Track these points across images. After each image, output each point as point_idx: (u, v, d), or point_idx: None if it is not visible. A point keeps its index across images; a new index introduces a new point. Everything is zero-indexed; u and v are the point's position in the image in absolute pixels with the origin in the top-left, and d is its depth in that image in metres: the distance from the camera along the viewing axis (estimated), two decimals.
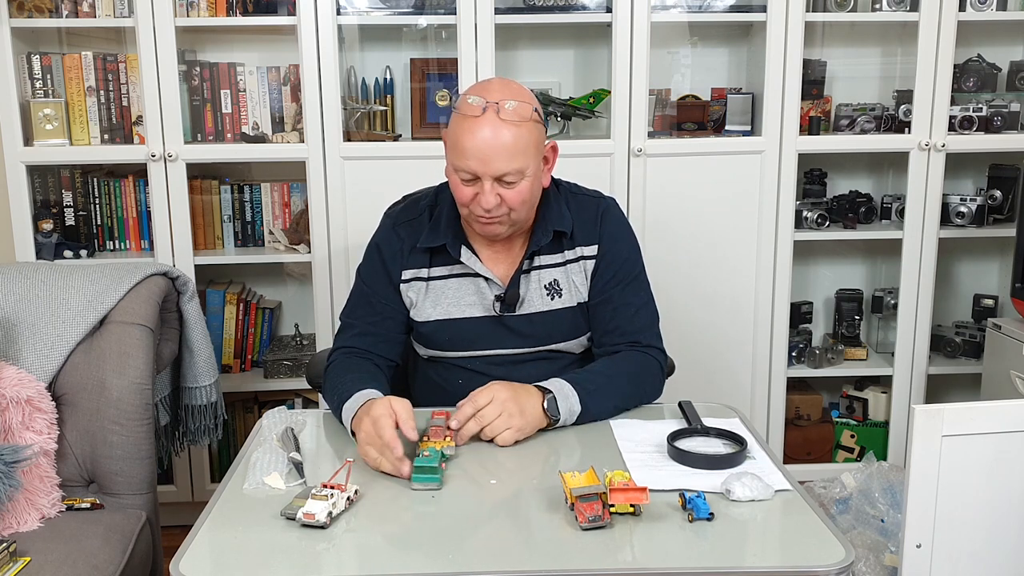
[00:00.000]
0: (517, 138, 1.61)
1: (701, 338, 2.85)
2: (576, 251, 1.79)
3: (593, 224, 1.80)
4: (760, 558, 1.26)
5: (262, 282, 3.06)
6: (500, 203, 1.64)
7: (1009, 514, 1.61)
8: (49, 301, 2.06)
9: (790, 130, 2.77)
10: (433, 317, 1.79)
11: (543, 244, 1.76)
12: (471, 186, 1.65)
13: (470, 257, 1.77)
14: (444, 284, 1.79)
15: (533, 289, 1.78)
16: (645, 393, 1.75)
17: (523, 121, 1.62)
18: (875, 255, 3.16)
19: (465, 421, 1.54)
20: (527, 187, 1.66)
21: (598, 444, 1.60)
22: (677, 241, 2.78)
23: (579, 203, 1.82)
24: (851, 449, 3.07)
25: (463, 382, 1.79)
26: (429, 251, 1.79)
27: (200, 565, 1.23)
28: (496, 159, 1.61)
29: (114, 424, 1.97)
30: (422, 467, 1.41)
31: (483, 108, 1.61)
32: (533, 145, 1.65)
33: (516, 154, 1.61)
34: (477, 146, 1.60)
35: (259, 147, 2.73)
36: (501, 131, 1.60)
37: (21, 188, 2.65)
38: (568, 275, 1.79)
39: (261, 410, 2.89)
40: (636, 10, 2.65)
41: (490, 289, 1.78)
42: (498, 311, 1.78)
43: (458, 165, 1.64)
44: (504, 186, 1.64)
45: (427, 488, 1.40)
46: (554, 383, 1.62)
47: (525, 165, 1.63)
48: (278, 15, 2.68)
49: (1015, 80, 2.92)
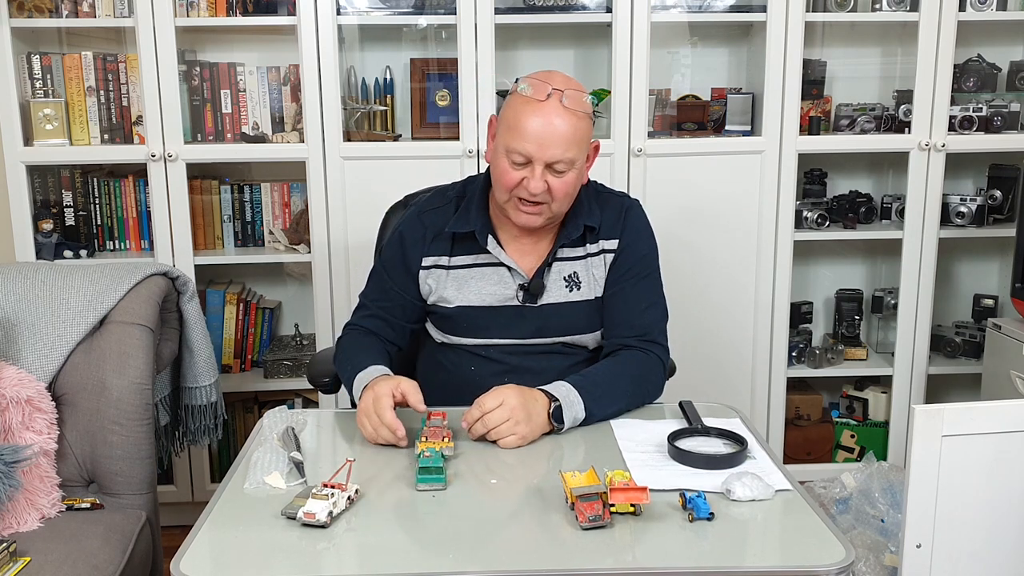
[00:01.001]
0: (576, 128, 1.66)
1: (701, 338, 2.85)
2: (599, 244, 1.82)
3: (617, 220, 1.83)
4: (760, 558, 1.27)
5: (262, 282, 3.06)
6: (546, 190, 1.68)
7: (1009, 514, 1.61)
8: (49, 301, 2.06)
9: (790, 130, 2.77)
10: (455, 303, 1.81)
11: (574, 238, 1.79)
12: (520, 170, 1.68)
13: (496, 247, 1.79)
14: (467, 272, 1.81)
15: (553, 280, 1.81)
16: (647, 393, 1.77)
17: (583, 113, 1.68)
18: (875, 255, 3.16)
19: (473, 423, 1.56)
20: (573, 179, 1.70)
21: (598, 444, 1.60)
22: (677, 241, 2.78)
23: (605, 200, 1.86)
24: (851, 449, 3.07)
25: (475, 368, 1.82)
26: (452, 239, 1.82)
27: (200, 565, 1.23)
28: (553, 145, 1.64)
29: (114, 424, 1.97)
30: (427, 468, 1.42)
31: (548, 94, 1.65)
32: (586, 139, 1.71)
33: (572, 144, 1.66)
34: (537, 130, 1.64)
35: (259, 147, 2.73)
36: (562, 118, 1.65)
37: (21, 188, 2.65)
38: (589, 268, 1.82)
39: (261, 410, 2.89)
40: (636, 10, 2.65)
41: (513, 279, 1.80)
42: (521, 300, 1.80)
43: (513, 146, 1.67)
44: (553, 174, 1.67)
45: (432, 488, 1.41)
46: (560, 388, 1.63)
47: (577, 156, 1.68)
48: (278, 15, 2.68)
49: (1015, 80, 2.92)
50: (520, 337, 1.82)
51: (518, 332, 1.82)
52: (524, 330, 1.81)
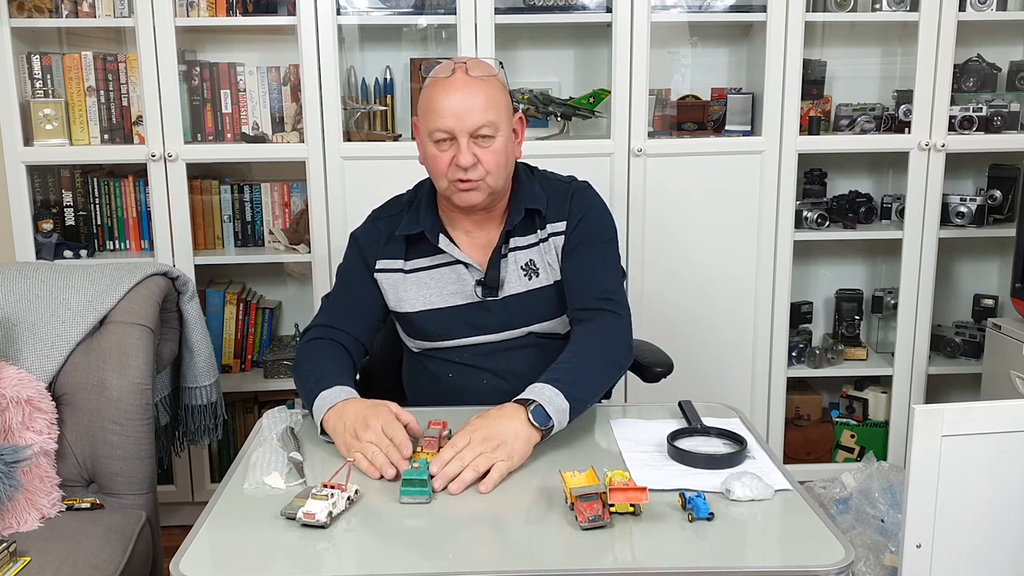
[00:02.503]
0: (487, 93, 1.68)
1: (701, 338, 2.85)
2: (548, 229, 1.81)
3: (563, 202, 1.82)
4: (760, 558, 1.26)
5: (262, 282, 3.06)
6: (476, 163, 1.68)
7: (1009, 514, 1.61)
8: (49, 301, 2.06)
9: (790, 130, 2.77)
10: (417, 307, 1.81)
11: (517, 223, 1.78)
12: (448, 149, 1.69)
13: (448, 244, 1.79)
14: (427, 275, 1.81)
15: (511, 271, 1.80)
16: (619, 356, 1.73)
17: (490, 77, 1.71)
18: (875, 255, 3.16)
19: (443, 465, 1.42)
20: (501, 147, 1.70)
21: (598, 444, 1.60)
22: (677, 241, 2.78)
23: (551, 185, 1.85)
24: (851, 449, 3.07)
25: (453, 376, 1.82)
26: (406, 243, 1.82)
27: (200, 565, 1.23)
28: (470, 113, 1.66)
29: (114, 424, 1.97)
30: (411, 480, 1.37)
31: (452, 70, 1.69)
32: (504, 104, 1.72)
33: (488, 107, 1.67)
34: (452, 104, 1.67)
35: (259, 147, 2.73)
36: (472, 86, 1.68)
37: (21, 188, 2.65)
38: (542, 255, 1.81)
39: (261, 410, 2.89)
40: (636, 10, 2.65)
41: (470, 275, 1.80)
42: (480, 295, 1.79)
43: (434, 127, 1.69)
44: (479, 144, 1.68)
45: (416, 502, 1.36)
46: (532, 390, 1.55)
47: (497, 119, 1.69)
48: (278, 15, 2.68)
49: (1015, 80, 2.92)
50: (489, 332, 1.81)
51: (486, 328, 1.81)
52: (491, 325, 1.81)
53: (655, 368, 2.05)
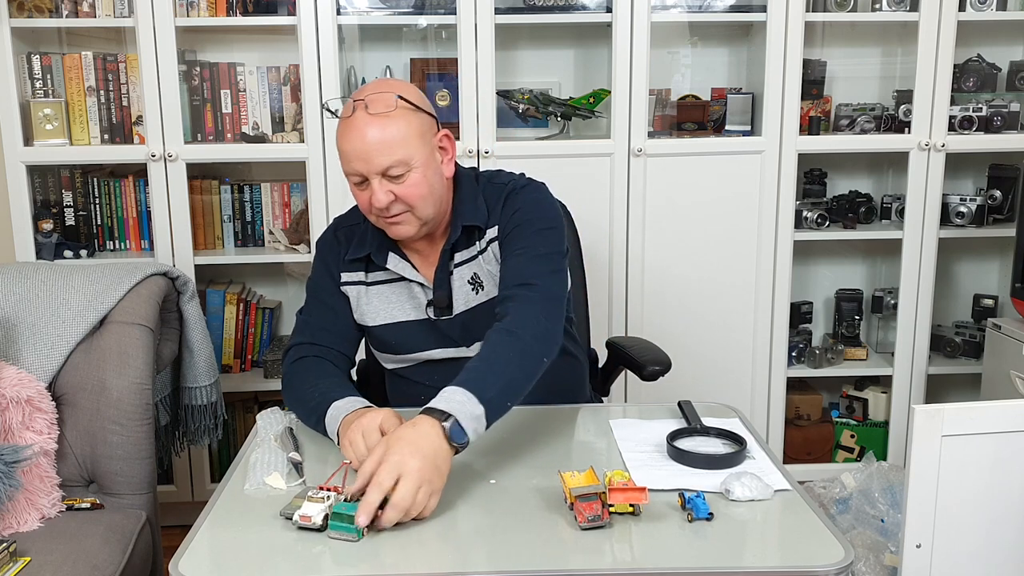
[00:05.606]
0: (389, 132, 1.58)
1: (701, 338, 2.85)
2: (486, 236, 1.75)
3: (496, 207, 1.75)
4: (760, 558, 1.26)
5: (262, 282, 3.06)
6: (395, 200, 1.62)
7: (1009, 514, 1.61)
8: (49, 301, 2.06)
9: (790, 130, 2.77)
10: (379, 321, 1.78)
11: (455, 240, 1.73)
12: (366, 189, 1.63)
13: (398, 263, 1.75)
14: (388, 288, 1.78)
15: (458, 287, 1.76)
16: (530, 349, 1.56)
17: (390, 111, 1.59)
18: (875, 255, 3.16)
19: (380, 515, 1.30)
20: (419, 179, 1.62)
21: (598, 444, 1.60)
22: (677, 241, 2.78)
23: (493, 191, 1.77)
24: (851, 449, 3.07)
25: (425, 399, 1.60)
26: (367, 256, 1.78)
27: (200, 565, 1.23)
28: (375, 155, 1.58)
29: (114, 424, 1.97)
30: (339, 514, 1.27)
31: (352, 108, 1.61)
32: (413, 135, 1.61)
33: (393, 146, 1.59)
34: (354, 146, 1.59)
35: (259, 147, 2.73)
36: (371, 126, 1.58)
37: (21, 188, 2.65)
38: (483, 265, 1.75)
39: (261, 410, 2.89)
40: (636, 10, 2.65)
41: (424, 294, 1.77)
42: (432, 315, 1.76)
43: (347, 170, 1.64)
44: (393, 181, 1.61)
45: (343, 538, 1.26)
46: (442, 397, 1.43)
47: (408, 155, 1.60)
48: (278, 15, 2.68)
49: (1015, 80, 2.92)
50: (449, 346, 1.77)
51: (443, 342, 1.77)
52: (446, 342, 1.77)
53: (652, 367, 2.04)
